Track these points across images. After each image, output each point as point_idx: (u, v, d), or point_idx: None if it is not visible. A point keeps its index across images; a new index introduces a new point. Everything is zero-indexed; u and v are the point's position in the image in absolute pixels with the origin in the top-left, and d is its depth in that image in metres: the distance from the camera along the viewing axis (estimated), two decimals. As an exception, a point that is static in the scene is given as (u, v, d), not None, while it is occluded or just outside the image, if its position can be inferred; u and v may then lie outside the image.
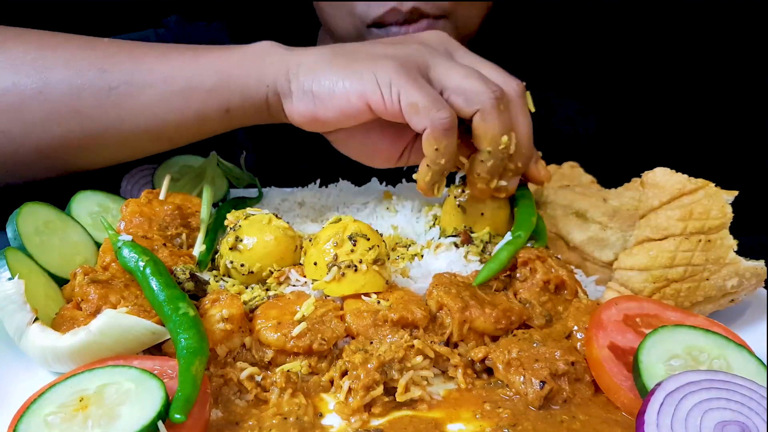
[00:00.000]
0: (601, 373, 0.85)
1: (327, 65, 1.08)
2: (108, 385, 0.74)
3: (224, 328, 0.87)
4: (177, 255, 1.03)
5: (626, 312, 0.92)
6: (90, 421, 0.70)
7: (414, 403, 0.84)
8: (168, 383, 0.74)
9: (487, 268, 1.01)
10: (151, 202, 1.12)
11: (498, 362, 0.88)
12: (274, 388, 0.84)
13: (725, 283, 1.00)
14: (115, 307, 0.88)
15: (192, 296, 0.94)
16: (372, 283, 0.96)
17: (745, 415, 0.72)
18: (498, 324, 0.93)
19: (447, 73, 1.06)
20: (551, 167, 1.35)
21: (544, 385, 0.83)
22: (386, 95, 1.03)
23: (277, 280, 1.01)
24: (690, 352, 0.83)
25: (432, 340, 0.90)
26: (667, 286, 1.00)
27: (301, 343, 0.87)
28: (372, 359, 0.84)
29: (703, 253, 0.99)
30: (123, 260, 0.93)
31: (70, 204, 1.15)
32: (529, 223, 1.10)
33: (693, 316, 0.93)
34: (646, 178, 1.07)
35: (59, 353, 0.82)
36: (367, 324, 0.90)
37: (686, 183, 1.03)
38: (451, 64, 1.08)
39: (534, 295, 1.01)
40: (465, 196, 1.14)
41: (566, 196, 1.15)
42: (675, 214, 1.01)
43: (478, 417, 0.82)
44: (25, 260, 0.96)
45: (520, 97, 1.09)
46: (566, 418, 0.82)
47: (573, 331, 0.94)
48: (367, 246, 0.97)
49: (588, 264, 1.14)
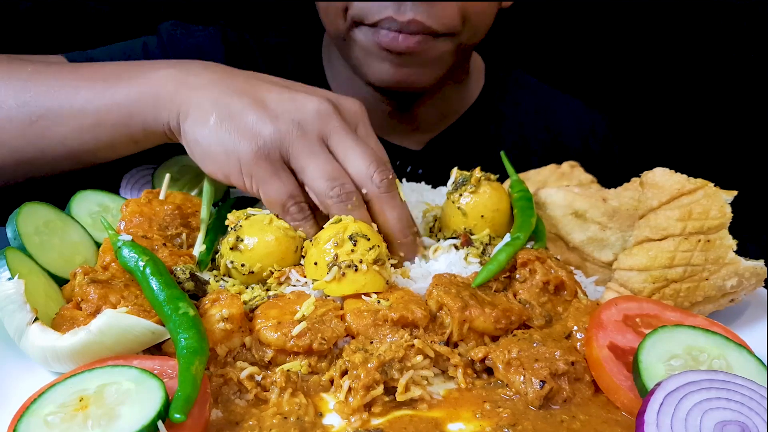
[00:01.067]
0: (601, 373, 0.85)
1: (207, 121, 1.09)
2: (108, 385, 0.74)
3: (224, 328, 0.87)
4: (177, 255, 1.03)
5: (626, 312, 0.92)
6: (90, 421, 0.70)
7: (414, 403, 0.84)
8: (168, 383, 0.74)
9: (486, 270, 1.01)
10: (151, 202, 1.12)
11: (498, 362, 0.88)
12: (274, 388, 0.83)
13: (725, 283, 1.00)
14: (115, 307, 0.88)
15: (192, 296, 0.94)
16: (372, 283, 0.96)
17: (745, 415, 0.72)
18: (498, 324, 0.93)
19: (305, 167, 1.06)
20: (551, 167, 1.35)
21: (544, 385, 0.83)
22: (247, 184, 1.08)
23: (278, 280, 1.01)
24: (690, 352, 0.83)
25: (432, 340, 0.90)
26: (666, 287, 1.00)
27: (301, 343, 0.87)
28: (372, 359, 0.84)
29: (703, 253, 1.00)
30: (123, 260, 0.93)
31: (70, 204, 1.15)
32: (529, 225, 1.10)
33: (693, 316, 0.93)
34: (646, 178, 1.07)
35: (59, 353, 0.82)
36: (367, 324, 0.90)
37: (685, 183, 1.03)
38: (312, 158, 1.06)
39: (534, 296, 1.01)
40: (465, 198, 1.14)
41: (566, 196, 1.15)
42: (674, 214, 1.01)
43: (478, 417, 0.82)
44: (25, 260, 0.96)
45: (385, 192, 1.07)
46: (566, 418, 0.82)
47: (573, 331, 0.94)
48: (367, 246, 0.97)
49: (588, 264, 1.14)
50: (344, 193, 1.05)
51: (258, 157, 1.05)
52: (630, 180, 1.13)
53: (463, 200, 1.15)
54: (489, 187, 1.16)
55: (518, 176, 1.22)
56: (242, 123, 1.07)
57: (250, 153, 1.05)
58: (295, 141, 1.07)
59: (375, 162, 1.08)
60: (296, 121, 1.08)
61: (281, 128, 1.07)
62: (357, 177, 1.07)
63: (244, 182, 1.08)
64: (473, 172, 1.17)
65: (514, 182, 1.20)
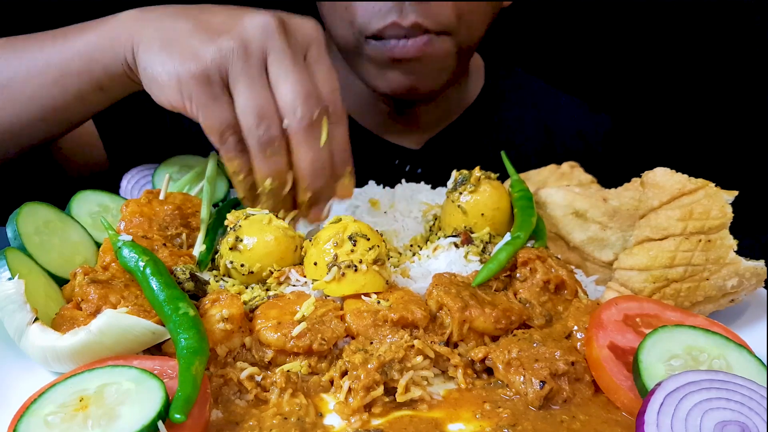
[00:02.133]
0: (601, 373, 0.85)
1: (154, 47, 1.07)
2: (108, 385, 0.74)
3: (224, 328, 0.87)
4: (177, 255, 1.03)
5: (626, 312, 0.92)
6: (90, 421, 0.70)
7: (414, 403, 0.84)
8: (168, 383, 0.74)
9: (486, 269, 1.01)
10: (151, 202, 1.12)
11: (498, 362, 0.88)
12: (274, 388, 0.84)
13: (725, 283, 1.00)
14: (115, 307, 0.88)
15: (192, 296, 0.94)
16: (372, 283, 0.96)
17: (745, 415, 0.72)
18: (498, 324, 0.93)
19: (238, 95, 1.02)
20: (551, 167, 1.35)
21: (544, 385, 0.83)
22: (188, 108, 1.03)
23: (277, 280, 1.01)
24: (690, 352, 0.83)
25: (432, 340, 0.90)
26: (667, 286, 1.00)
27: (301, 343, 0.87)
28: (372, 359, 0.84)
29: (703, 253, 1.00)
30: (123, 260, 0.93)
31: (70, 204, 1.15)
32: (529, 224, 1.10)
33: (693, 316, 0.93)
34: (646, 178, 1.07)
35: (59, 353, 0.82)
36: (367, 324, 0.90)
37: (686, 183, 1.03)
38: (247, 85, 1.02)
39: (534, 295, 1.01)
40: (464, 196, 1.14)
41: (566, 196, 1.15)
42: (675, 214, 1.01)
43: (478, 417, 0.82)
44: (25, 260, 0.96)
45: (306, 129, 1.02)
46: (566, 418, 0.82)
47: (573, 331, 0.94)
48: (367, 246, 0.97)
49: (588, 264, 1.14)
50: (267, 135, 1.02)
51: (197, 79, 1.01)
52: (630, 180, 1.13)
53: (463, 199, 1.15)
54: (489, 186, 1.16)
55: (518, 176, 1.22)
56: (185, 45, 1.04)
57: (189, 75, 1.01)
58: (236, 62, 1.02)
59: (303, 94, 1.02)
60: (239, 39, 1.02)
61: (222, 47, 1.01)
62: (282, 107, 1.02)
63: (185, 106, 1.03)
64: (473, 171, 1.17)
65: (514, 182, 1.20)
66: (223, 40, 1.02)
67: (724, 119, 2.53)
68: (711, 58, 2.49)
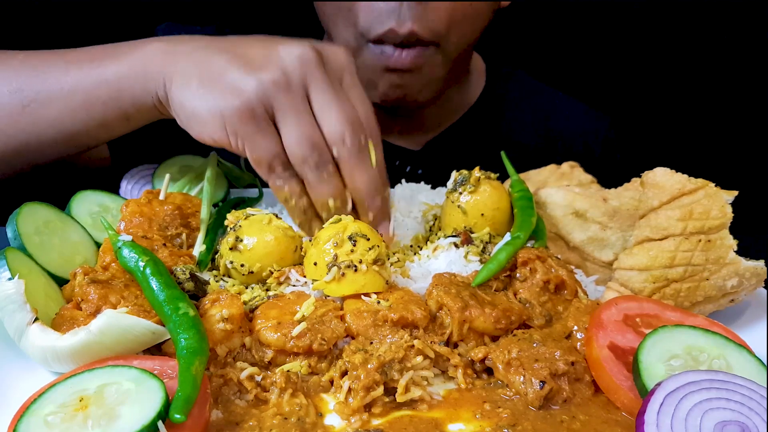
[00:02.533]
0: (601, 373, 0.85)
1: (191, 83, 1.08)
2: (108, 385, 0.74)
3: (224, 328, 0.87)
4: (177, 255, 1.03)
5: (626, 312, 0.92)
6: (90, 421, 0.70)
7: (414, 403, 0.84)
8: (168, 383, 0.74)
9: (486, 269, 1.01)
10: (151, 202, 1.12)
11: (498, 362, 0.88)
12: (274, 388, 0.84)
13: (725, 283, 1.00)
14: (115, 307, 0.88)
15: (192, 296, 0.94)
16: (372, 283, 0.96)
17: (745, 415, 0.72)
18: (498, 324, 0.93)
19: (286, 126, 1.04)
20: (551, 167, 1.35)
21: (544, 385, 0.83)
22: (233, 143, 1.05)
23: (277, 280, 1.01)
24: (690, 352, 0.83)
25: (432, 340, 0.90)
26: (667, 286, 1.00)
27: (301, 343, 0.87)
28: (372, 359, 0.84)
29: (703, 253, 1.00)
30: (123, 260, 0.93)
31: (70, 204, 1.15)
32: (529, 224, 1.10)
33: (693, 316, 0.93)
34: (646, 178, 1.07)
35: (59, 353, 0.82)
36: (367, 324, 0.90)
37: (686, 183, 1.03)
38: (294, 116, 1.04)
39: (534, 295, 1.01)
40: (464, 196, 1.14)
41: (566, 196, 1.15)
42: (675, 214, 1.01)
43: (478, 417, 0.82)
44: (25, 260, 0.96)
45: (356, 155, 1.06)
46: (566, 418, 0.82)
47: (573, 331, 0.94)
48: (367, 246, 0.97)
49: (588, 264, 1.14)
50: (321, 162, 1.04)
51: (242, 114, 1.02)
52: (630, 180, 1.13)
53: (463, 199, 1.15)
54: (489, 186, 1.16)
55: (518, 176, 1.22)
56: (225, 80, 1.05)
57: (233, 110, 1.03)
58: (279, 94, 1.04)
59: (348, 122, 1.05)
60: (279, 71, 1.04)
61: (264, 80, 1.03)
62: (330, 137, 1.05)
63: (230, 141, 1.05)
64: (473, 171, 1.17)
65: (514, 182, 1.20)
66: (263, 74, 1.04)
67: (724, 119, 2.53)
68: (711, 58, 2.49)
